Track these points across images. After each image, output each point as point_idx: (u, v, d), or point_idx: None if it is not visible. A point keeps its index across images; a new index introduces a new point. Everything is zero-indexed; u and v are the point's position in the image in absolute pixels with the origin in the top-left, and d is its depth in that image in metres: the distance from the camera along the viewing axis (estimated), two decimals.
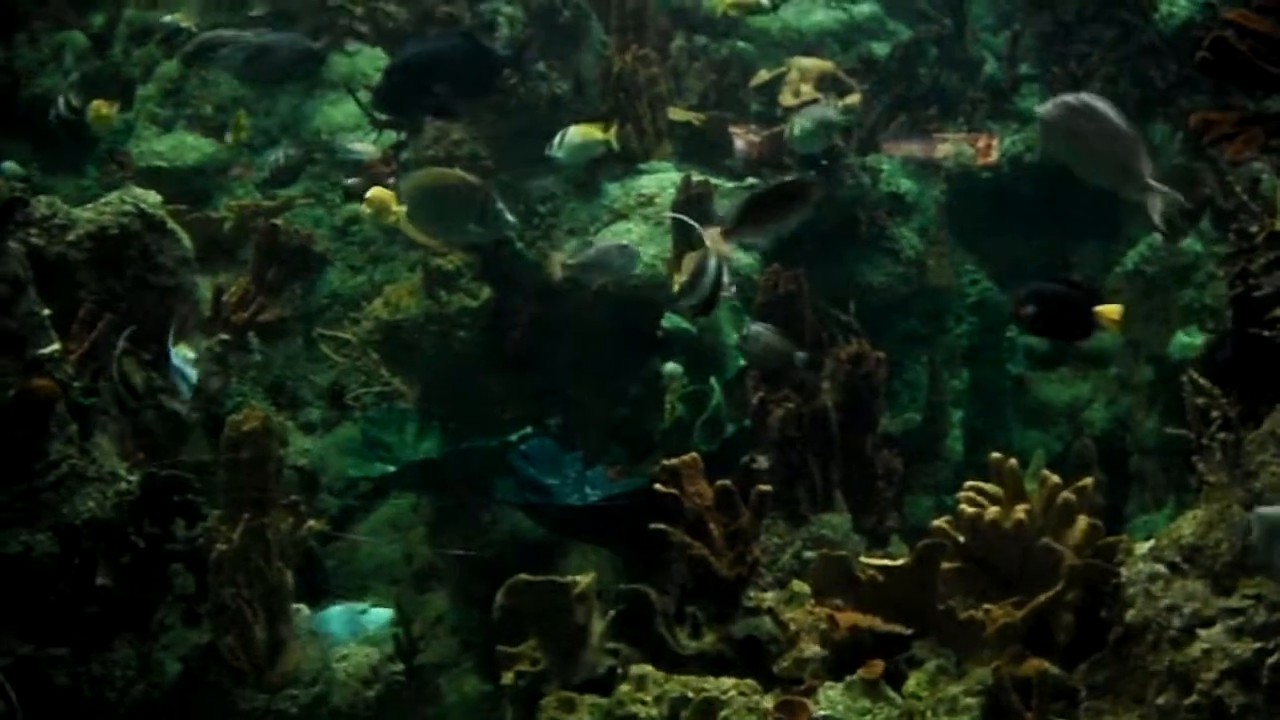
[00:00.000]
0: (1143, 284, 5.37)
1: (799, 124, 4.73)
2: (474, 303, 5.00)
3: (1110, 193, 5.74)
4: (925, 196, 5.68)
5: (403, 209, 5.05)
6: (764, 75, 5.48)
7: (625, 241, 4.38)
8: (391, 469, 4.79)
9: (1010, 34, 6.17)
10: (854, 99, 5.24)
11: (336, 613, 3.99)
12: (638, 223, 4.93)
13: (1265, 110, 2.85)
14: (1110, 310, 3.22)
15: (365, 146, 5.44)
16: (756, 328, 3.82)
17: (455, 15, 5.08)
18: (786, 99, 5.18)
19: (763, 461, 3.58)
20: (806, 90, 5.12)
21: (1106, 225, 5.80)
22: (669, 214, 4.56)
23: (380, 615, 3.99)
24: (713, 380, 4.17)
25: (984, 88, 6.05)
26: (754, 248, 4.98)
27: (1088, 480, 2.96)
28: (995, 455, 3.01)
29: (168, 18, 5.89)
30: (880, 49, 6.05)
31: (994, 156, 5.83)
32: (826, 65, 5.33)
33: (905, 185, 5.63)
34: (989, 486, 2.94)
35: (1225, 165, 4.62)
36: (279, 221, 5.15)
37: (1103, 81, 5.76)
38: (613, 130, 4.59)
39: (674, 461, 3.22)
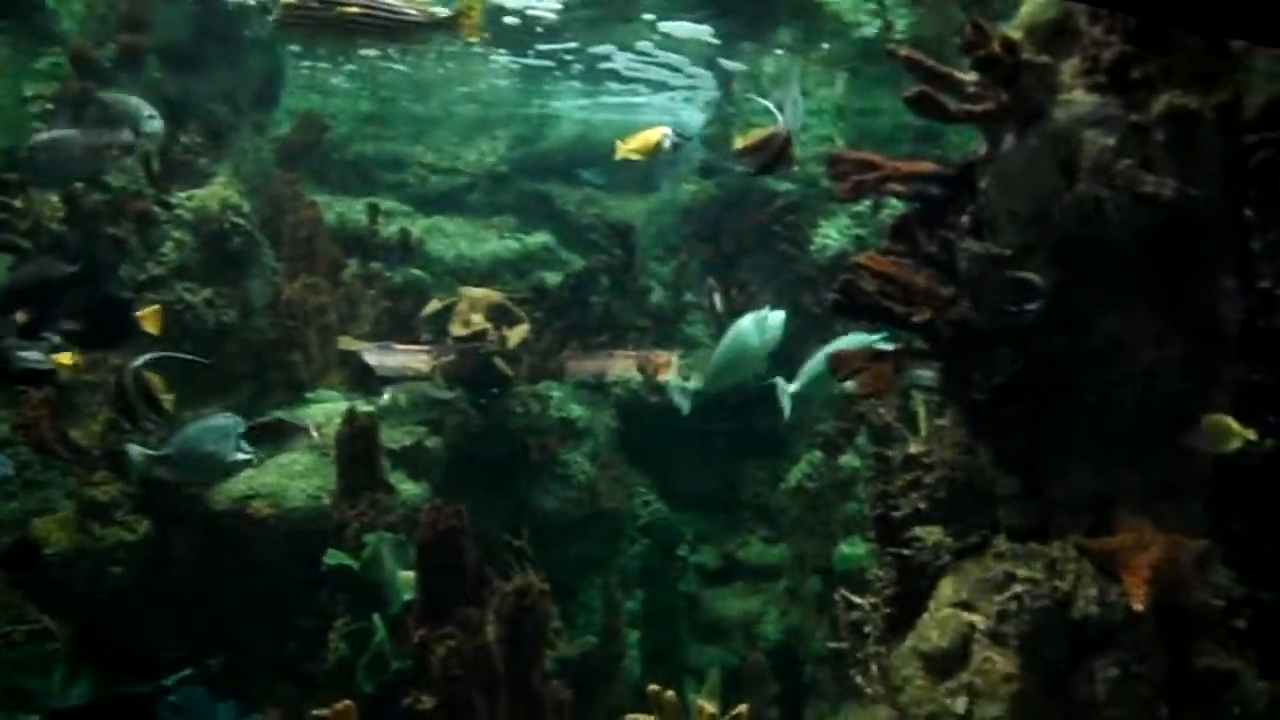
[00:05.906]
0: (806, 499, 5.60)
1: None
2: (132, 536, 4.78)
3: (776, 413, 6.06)
4: (596, 421, 5.81)
5: None
6: (436, 304, 5.54)
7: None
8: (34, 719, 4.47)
9: (676, 264, 6.46)
10: (522, 329, 5.34)
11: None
12: (303, 452, 4.85)
13: (895, 346, 3.04)
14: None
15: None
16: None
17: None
18: (456, 328, 5.23)
19: (426, 701, 3.51)
20: (476, 320, 5.19)
21: (771, 444, 6.04)
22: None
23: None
24: (375, 617, 4.07)
25: (651, 315, 6.27)
26: (424, 479, 4.99)
27: (742, 708, 3.03)
28: (653, 687, 3.06)
29: None
30: (553, 278, 6.22)
31: (671, 374, 6.00)
32: (495, 295, 5.42)
33: (576, 411, 5.74)
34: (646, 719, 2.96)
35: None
36: None
37: (765, 308, 6.08)
38: None
39: (324, 712, 3.13)
